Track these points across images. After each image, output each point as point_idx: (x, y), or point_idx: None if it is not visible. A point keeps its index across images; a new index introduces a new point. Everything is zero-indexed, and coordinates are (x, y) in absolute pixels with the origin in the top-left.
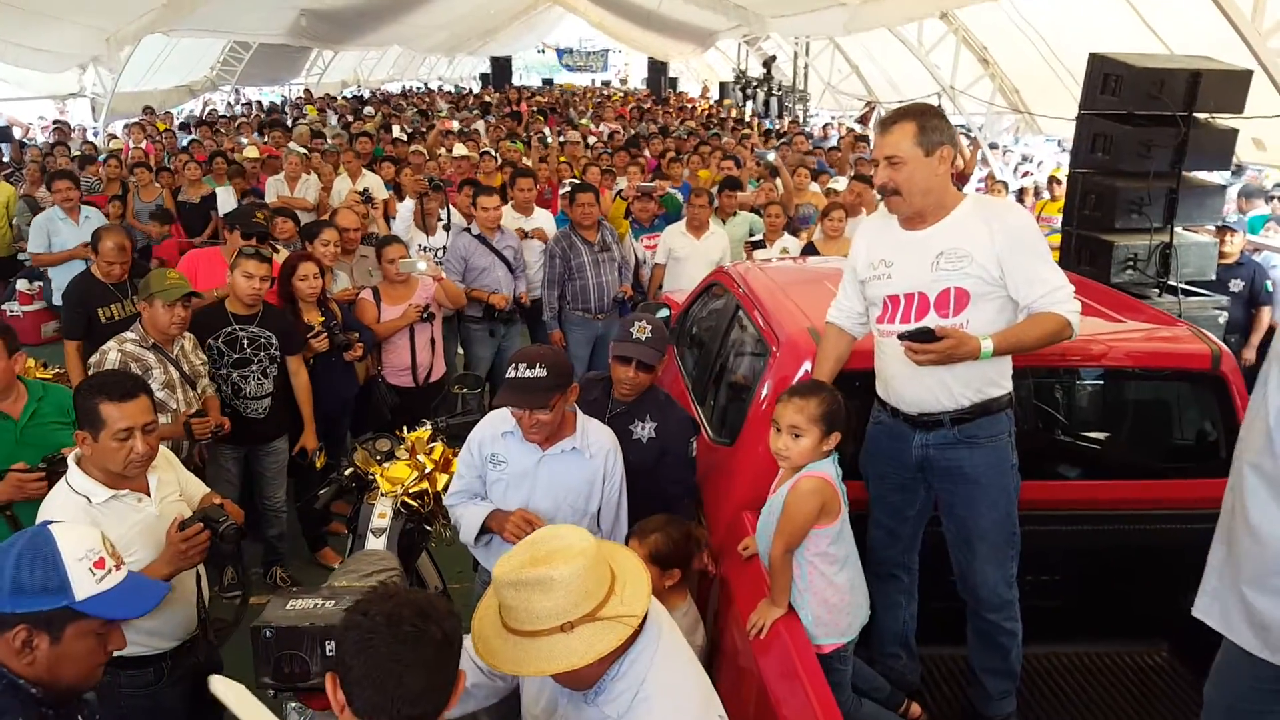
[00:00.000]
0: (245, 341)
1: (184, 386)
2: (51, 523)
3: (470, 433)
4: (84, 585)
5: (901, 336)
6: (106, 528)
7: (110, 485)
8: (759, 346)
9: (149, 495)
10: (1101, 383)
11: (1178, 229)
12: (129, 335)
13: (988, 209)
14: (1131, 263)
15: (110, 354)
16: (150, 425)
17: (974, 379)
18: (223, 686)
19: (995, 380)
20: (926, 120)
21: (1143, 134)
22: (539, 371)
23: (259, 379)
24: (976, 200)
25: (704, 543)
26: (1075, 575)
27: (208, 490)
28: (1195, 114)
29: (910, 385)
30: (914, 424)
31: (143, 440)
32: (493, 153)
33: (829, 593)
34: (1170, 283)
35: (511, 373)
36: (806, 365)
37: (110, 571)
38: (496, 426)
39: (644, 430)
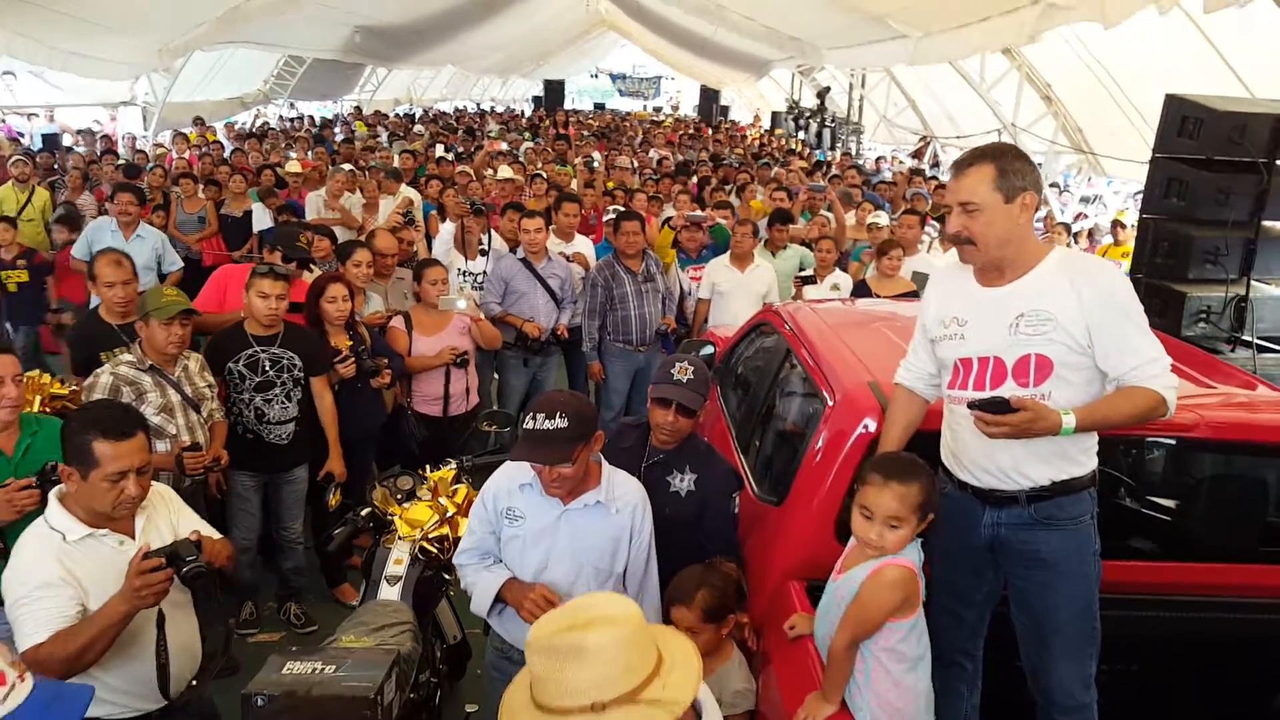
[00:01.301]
0: (267, 363)
1: (185, 410)
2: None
3: (487, 483)
4: None
5: (972, 405)
6: (79, 567)
7: (90, 523)
8: (813, 398)
9: (133, 539)
10: (1190, 455)
11: (1254, 281)
12: (125, 357)
13: (1077, 267)
14: (1204, 315)
15: (102, 377)
16: (145, 466)
17: (1053, 455)
18: None
19: (1077, 457)
20: (1007, 162)
21: (1221, 180)
22: (560, 422)
23: (283, 403)
24: (1064, 256)
25: (743, 592)
26: (1155, 666)
27: (218, 537)
28: (1278, 161)
29: (981, 458)
30: (984, 499)
31: (136, 483)
32: (544, 175)
33: (893, 695)
34: (1245, 338)
35: (529, 423)
36: (867, 423)
37: (13, 688)
38: (513, 478)
39: (683, 482)
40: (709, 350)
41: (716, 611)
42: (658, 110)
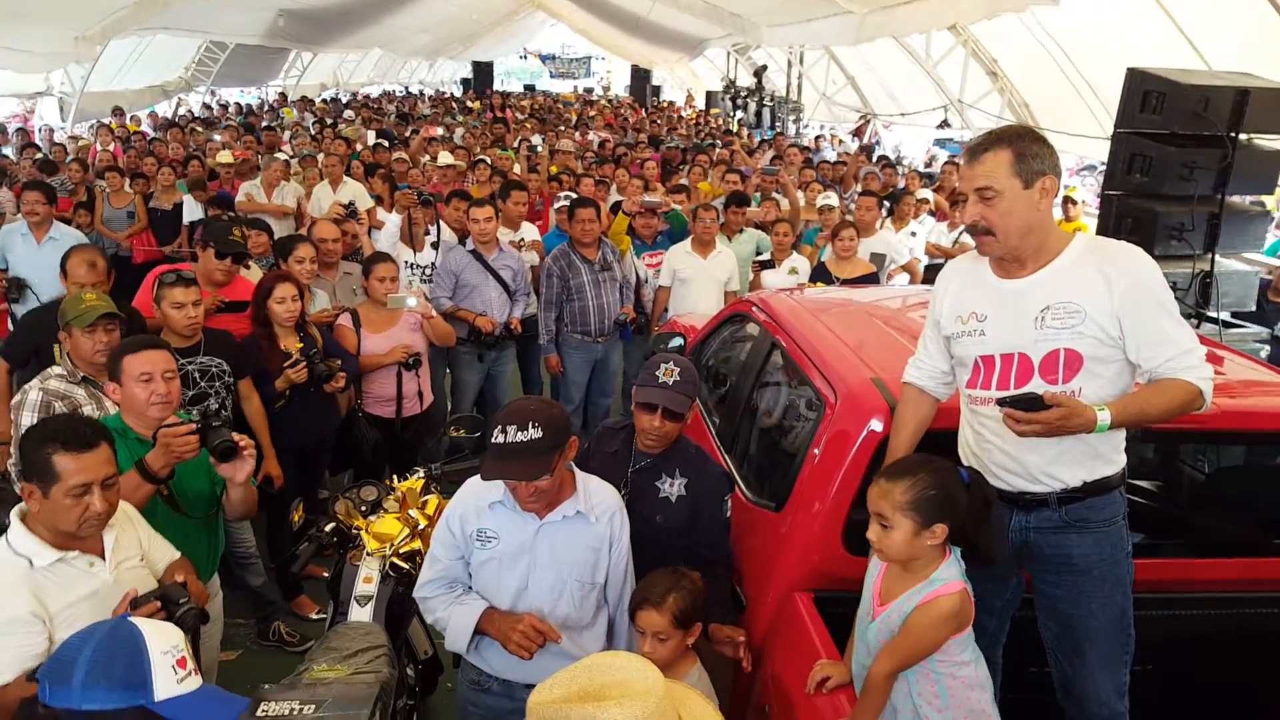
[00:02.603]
0: (196, 375)
1: None
2: (131, 615)
3: (448, 505)
4: (165, 684)
5: (1002, 403)
6: (49, 597)
7: (58, 546)
8: (809, 397)
9: (103, 559)
10: (1207, 446)
11: (1219, 257)
12: (54, 370)
13: (1103, 254)
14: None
15: (30, 394)
16: (110, 479)
17: (1084, 454)
18: None
19: (1109, 455)
20: (1024, 145)
21: (1185, 155)
22: (534, 432)
23: (220, 412)
24: (1088, 243)
25: (741, 603)
26: (1173, 666)
27: (178, 556)
28: (1241, 135)
29: (1008, 460)
30: (1012, 503)
31: (101, 497)
32: (487, 161)
33: (972, 697)
34: (1210, 314)
35: (499, 437)
36: (874, 424)
37: (190, 674)
38: (481, 497)
39: (673, 487)
40: (678, 342)
41: (687, 617)
42: (589, 91)
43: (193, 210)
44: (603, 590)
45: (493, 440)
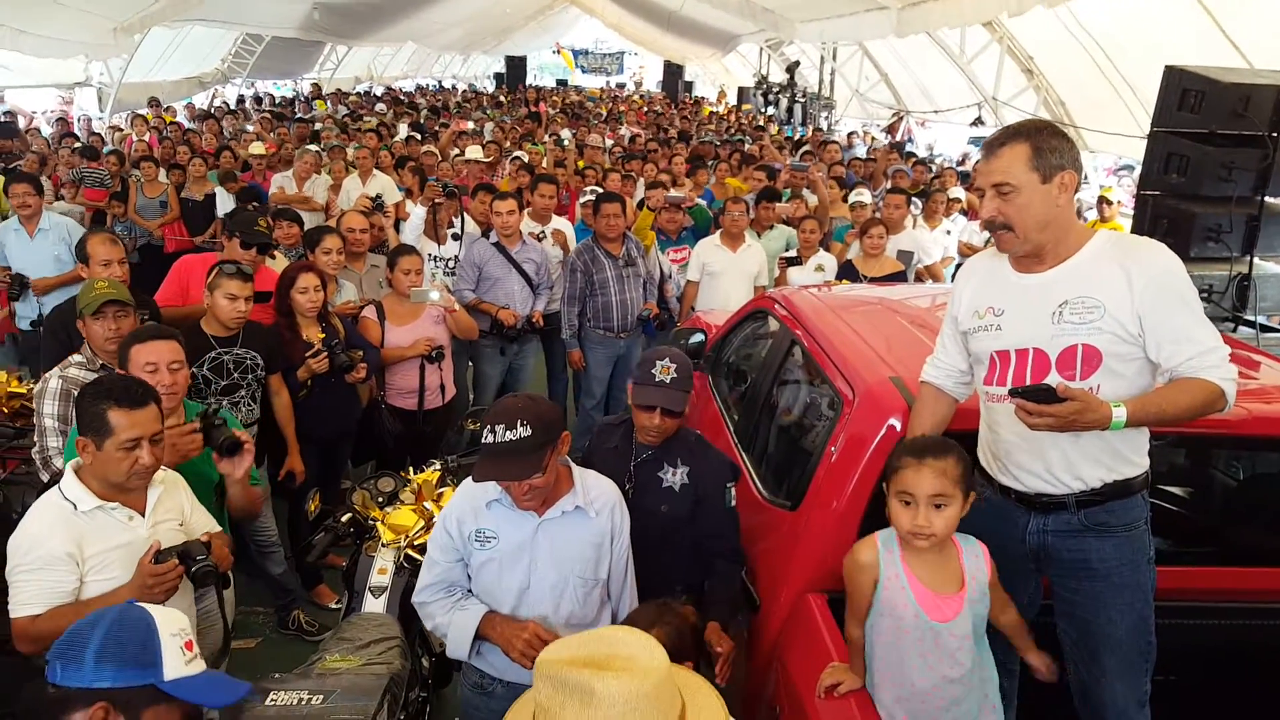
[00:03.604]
0: (231, 366)
1: None
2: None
3: (445, 507)
4: (174, 665)
5: (1014, 393)
6: (87, 541)
7: (102, 496)
8: (828, 396)
9: (143, 515)
10: (1235, 452)
11: (1258, 259)
12: (74, 358)
13: (1125, 249)
14: (1206, 294)
15: (50, 382)
16: (158, 435)
17: (1104, 454)
18: None
19: (1130, 456)
20: (1042, 140)
21: (1224, 155)
22: (523, 430)
23: (249, 404)
24: (1110, 238)
25: (754, 602)
26: (1196, 677)
27: (219, 530)
28: None
29: (1026, 458)
30: (1029, 505)
31: (149, 451)
32: (524, 157)
33: None
34: (1247, 317)
35: (489, 437)
36: (893, 423)
37: (196, 657)
38: (478, 498)
39: (675, 476)
40: (699, 338)
41: (675, 654)
42: (620, 87)
43: (225, 202)
44: (605, 586)
45: (483, 440)
